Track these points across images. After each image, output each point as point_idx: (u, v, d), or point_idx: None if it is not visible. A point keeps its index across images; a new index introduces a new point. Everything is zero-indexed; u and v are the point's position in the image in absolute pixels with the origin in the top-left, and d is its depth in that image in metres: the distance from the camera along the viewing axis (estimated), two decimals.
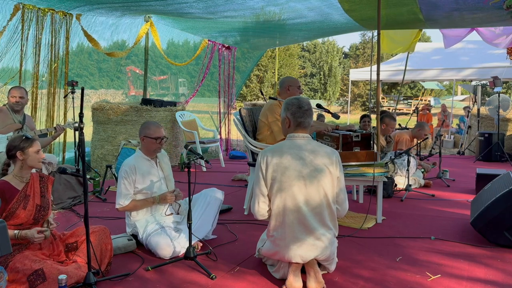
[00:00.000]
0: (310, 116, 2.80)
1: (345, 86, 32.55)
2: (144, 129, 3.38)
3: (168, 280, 2.86)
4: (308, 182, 2.64)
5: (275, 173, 2.67)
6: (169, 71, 10.81)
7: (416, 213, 4.49)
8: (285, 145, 2.76)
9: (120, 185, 3.32)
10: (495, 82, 8.42)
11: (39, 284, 2.47)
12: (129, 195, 3.31)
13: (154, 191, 3.39)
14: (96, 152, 6.43)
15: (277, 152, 2.72)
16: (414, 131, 6.11)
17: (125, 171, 3.31)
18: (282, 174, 2.66)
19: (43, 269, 2.50)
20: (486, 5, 5.30)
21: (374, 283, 2.81)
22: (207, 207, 3.48)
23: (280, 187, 2.66)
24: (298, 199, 2.63)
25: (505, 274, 2.96)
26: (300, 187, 2.64)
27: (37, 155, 2.75)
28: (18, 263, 2.54)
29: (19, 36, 5.18)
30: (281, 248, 2.68)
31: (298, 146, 2.72)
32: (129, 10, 5.89)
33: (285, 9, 5.96)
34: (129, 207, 3.33)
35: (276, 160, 2.69)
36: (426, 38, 31.31)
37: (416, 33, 8.61)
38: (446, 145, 11.15)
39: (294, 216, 2.64)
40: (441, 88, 27.15)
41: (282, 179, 2.65)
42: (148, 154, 3.43)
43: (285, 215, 2.66)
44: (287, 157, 2.68)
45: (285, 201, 2.65)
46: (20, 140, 2.72)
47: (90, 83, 9.73)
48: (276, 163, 2.68)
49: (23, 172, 2.75)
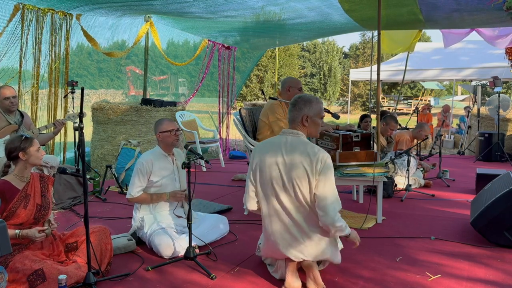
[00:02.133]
0: (297, 110, 2.72)
1: (345, 86, 32.53)
2: (158, 126, 3.48)
3: (168, 280, 2.86)
4: (286, 181, 2.61)
5: (258, 170, 2.71)
6: (169, 71, 10.81)
7: (416, 213, 4.49)
8: (272, 141, 2.77)
9: (134, 176, 3.40)
10: (495, 82, 8.41)
11: (39, 284, 2.47)
12: (141, 187, 3.39)
13: (167, 187, 3.46)
14: (96, 152, 6.42)
15: (264, 148, 2.74)
16: (415, 131, 6.11)
17: (142, 163, 3.40)
18: (261, 172, 2.68)
19: (43, 269, 2.51)
20: (488, 6, 5.30)
21: (374, 283, 2.81)
22: (212, 229, 3.61)
23: (262, 188, 2.70)
24: (280, 199, 2.63)
25: (505, 274, 2.96)
26: (280, 187, 2.63)
27: (38, 153, 2.78)
28: (18, 263, 2.54)
29: (19, 36, 5.17)
30: (275, 244, 2.68)
31: (283, 143, 2.69)
32: (129, 10, 5.89)
33: (285, 9, 5.96)
34: (139, 199, 3.41)
35: (261, 156, 2.71)
36: (426, 38, 31.28)
37: (416, 33, 8.61)
38: (446, 145, 11.15)
39: (280, 216, 2.65)
40: (441, 88, 27.13)
41: (262, 178, 2.68)
42: (166, 149, 3.50)
43: (271, 216, 2.69)
44: (269, 153, 2.69)
45: (268, 203, 2.68)
46: (20, 141, 2.73)
47: (90, 83, 9.73)
48: (260, 159, 2.70)
49: (24, 172, 2.77)
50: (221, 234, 3.68)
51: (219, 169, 7.08)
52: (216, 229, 3.64)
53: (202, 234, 3.45)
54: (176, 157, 3.59)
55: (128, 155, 5.78)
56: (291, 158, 2.61)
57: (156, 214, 3.46)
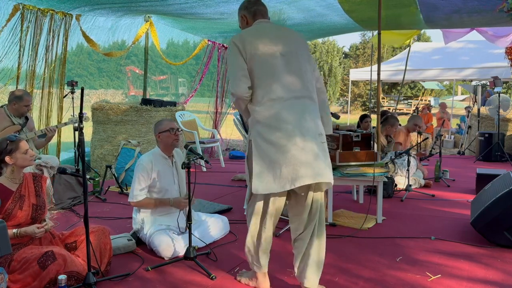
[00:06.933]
0: (264, 5, 2.74)
1: (345, 86, 32.52)
2: (157, 126, 3.43)
3: (168, 280, 2.86)
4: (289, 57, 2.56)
5: (257, 51, 2.52)
6: (169, 71, 10.83)
7: (416, 213, 4.49)
8: (256, 28, 2.64)
9: (135, 180, 3.34)
10: (495, 82, 8.42)
11: (50, 264, 2.48)
12: (143, 190, 3.33)
13: (167, 190, 3.42)
14: (96, 152, 6.42)
15: (250, 34, 2.60)
16: (408, 124, 6.19)
17: (142, 165, 3.33)
18: (263, 50, 2.53)
19: (53, 250, 2.53)
20: (488, 7, 5.30)
21: (374, 283, 2.81)
22: (212, 229, 3.60)
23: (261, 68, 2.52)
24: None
25: (505, 274, 2.96)
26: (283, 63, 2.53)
27: (25, 155, 2.71)
28: (24, 253, 2.56)
29: (18, 36, 5.17)
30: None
31: (269, 26, 2.65)
32: (129, 11, 5.89)
33: (285, 9, 5.96)
34: (142, 203, 3.36)
35: (252, 39, 2.55)
36: (426, 38, 31.25)
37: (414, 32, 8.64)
38: (446, 145, 11.14)
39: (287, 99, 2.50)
40: (441, 88, 27.13)
41: (261, 57, 2.51)
42: (166, 150, 3.44)
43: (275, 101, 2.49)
44: (263, 35, 2.57)
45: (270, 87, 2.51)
46: (6, 144, 2.67)
47: (90, 83, 9.73)
48: (252, 41, 2.54)
49: (15, 174, 2.73)
50: (221, 234, 3.68)
51: (219, 169, 7.08)
52: (216, 229, 3.63)
53: (202, 234, 3.45)
54: (176, 158, 3.54)
55: (128, 155, 5.78)
56: (288, 36, 2.63)
57: (156, 215, 3.44)
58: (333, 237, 3.68)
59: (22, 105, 4.30)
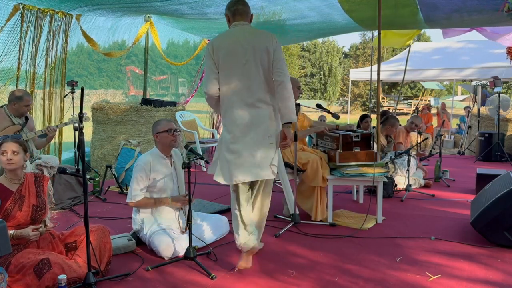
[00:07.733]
0: (244, 4, 2.96)
1: (345, 86, 32.54)
2: (156, 126, 3.42)
3: (168, 280, 2.86)
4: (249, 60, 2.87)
5: (221, 55, 2.88)
6: (169, 71, 10.83)
7: (416, 213, 4.49)
8: (227, 33, 2.95)
9: (133, 180, 3.34)
10: (495, 82, 8.41)
11: (46, 272, 2.47)
12: (142, 191, 3.33)
13: (166, 190, 3.41)
14: (96, 152, 6.42)
15: (221, 39, 2.93)
16: (407, 124, 6.23)
17: (141, 166, 3.33)
18: (225, 55, 2.88)
19: (49, 258, 2.52)
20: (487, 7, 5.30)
21: (374, 283, 2.81)
22: (212, 229, 3.60)
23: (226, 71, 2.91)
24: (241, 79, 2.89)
25: (505, 274, 2.96)
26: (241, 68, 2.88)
27: (2, 157, 2.67)
28: (21, 258, 2.54)
29: (17, 36, 5.17)
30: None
31: (238, 30, 2.92)
32: (129, 11, 5.88)
33: (285, 9, 5.96)
34: (140, 203, 3.36)
35: (220, 43, 2.91)
36: (426, 38, 31.26)
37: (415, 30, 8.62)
38: (446, 145, 11.14)
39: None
40: (441, 88, 27.12)
41: (226, 62, 2.89)
42: (164, 151, 3.44)
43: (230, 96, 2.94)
44: (229, 41, 2.89)
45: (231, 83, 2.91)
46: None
47: (90, 83, 9.73)
48: (219, 46, 2.90)
49: (11, 174, 2.72)
50: (221, 234, 3.68)
51: None
52: (216, 229, 3.63)
53: (202, 234, 3.45)
54: (174, 159, 3.53)
55: (128, 155, 5.78)
56: (251, 41, 2.88)
57: (156, 215, 3.44)
58: (333, 237, 3.68)
59: (22, 105, 4.31)
